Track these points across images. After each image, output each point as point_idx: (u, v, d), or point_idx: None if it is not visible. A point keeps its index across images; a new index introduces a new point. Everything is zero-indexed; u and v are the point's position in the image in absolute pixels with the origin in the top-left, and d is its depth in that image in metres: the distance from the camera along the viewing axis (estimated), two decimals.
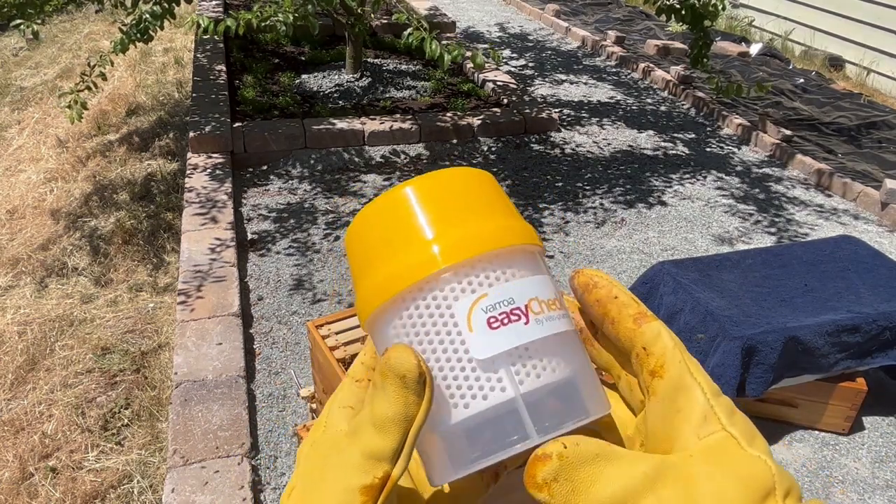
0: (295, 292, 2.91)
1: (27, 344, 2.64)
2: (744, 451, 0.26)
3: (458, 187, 0.30)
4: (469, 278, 0.28)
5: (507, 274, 0.29)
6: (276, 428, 2.25)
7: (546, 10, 7.48)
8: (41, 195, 3.79)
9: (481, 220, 0.29)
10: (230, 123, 4.00)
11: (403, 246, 0.29)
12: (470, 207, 0.30)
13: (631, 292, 0.32)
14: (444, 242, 0.28)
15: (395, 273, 0.28)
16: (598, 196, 3.87)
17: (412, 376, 0.26)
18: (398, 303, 0.29)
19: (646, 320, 0.30)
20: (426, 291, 0.28)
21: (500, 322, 0.28)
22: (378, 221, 0.30)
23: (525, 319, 0.28)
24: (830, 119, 5.01)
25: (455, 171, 0.30)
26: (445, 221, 0.29)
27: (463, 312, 0.28)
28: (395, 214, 0.29)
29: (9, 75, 5.87)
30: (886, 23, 5.83)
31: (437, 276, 0.28)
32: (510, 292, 0.28)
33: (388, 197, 0.30)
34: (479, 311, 0.28)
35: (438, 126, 4.27)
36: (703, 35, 3.90)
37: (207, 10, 6.02)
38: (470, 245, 0.28)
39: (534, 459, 0.25)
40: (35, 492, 2.07)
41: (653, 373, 0.29)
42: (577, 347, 0.30)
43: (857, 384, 2.26)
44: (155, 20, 3.28)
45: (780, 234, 3.61)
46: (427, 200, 0.29)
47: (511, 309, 0.28)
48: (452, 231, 0.29)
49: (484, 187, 0.31)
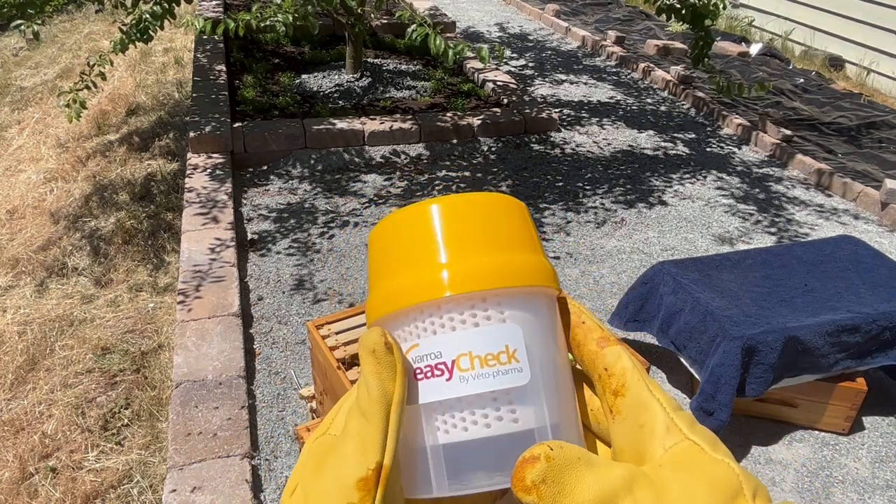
0: (295, 292, 2.91)
1: (27, 344, 2.64)
2: (709, 456, 0.27)
3: (476, 216, 0.30)
4: (416, 323, 0.28)
5: (455, 322, 0.28)
6: (276, 428, 2.25)
7: (546, 10, 7.48)
8: (41, 195, 3.79)
9: (485, 254, 0.29)
10: (230, 123, 4.00)
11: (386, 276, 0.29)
12: (479, 239, 0.29)
13: (598, 320, 0.33)
14: (411, 280, 0.28)
15: (378, 299, 0.29)
16: (599, 196, 3.87)
17: (380, 349, 0.27)
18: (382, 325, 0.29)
19: (608, 343, 0.31)
20: (391, 328, 0.29)
21: (424, 375, 0.28)
22: (382, 239, 0.30)
23: (448, 375, 0.28)
24: (830, 119, 5.01)
25: (480, 198, 0.30)
26: (453, 249, 0.29)
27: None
28: (388, 239, 0.30)
29: (9, 75, 5.87)
30: (886, 23, 5.83)
31: (395, 316, 0.29)
32: (440, 345, 0.28)
33: (396, 217, 0.30)
34: (410, 360, 0.28)
35: (438, 126, 4.27)
36: (704, 34, 3.89)
37: (207, 10, 6.02)
38: (415, 292, 0.28)
39: (522, 462, 0.25)
40: (35, 492, 2.07)
41: (615, 392, 0.30)
42: (533, 402, 0.28)
43: (857, 384, 2.26)
44: (155, 20, 3.28)
45: (780, 234, 3.61)
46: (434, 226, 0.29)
47: (436, 363, 0.28)
48: (419, 271, 0.28)
49: (500, 216, 0.30)
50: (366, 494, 0.26)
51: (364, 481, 0.26)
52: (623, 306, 2.55)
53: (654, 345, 2.61)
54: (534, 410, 0.28)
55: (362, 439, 0.27)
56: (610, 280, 3.14)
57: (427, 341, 0.28)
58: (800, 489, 2.15)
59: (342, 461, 0.27)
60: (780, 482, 2.18)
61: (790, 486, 2.16)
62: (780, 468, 2.22)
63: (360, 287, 2.97)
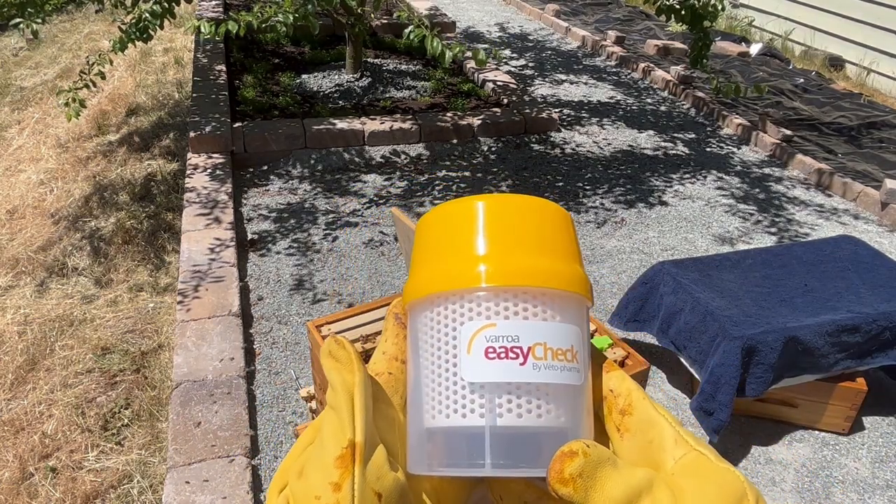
0: (295, 292, 2.91)
1: (27, 344, 2.64)
2: (716, 465, 0.29)
3: (529, 217, 0.31)
4: (489, 304, 0.29)
5: (529, 312, 0.29)
6: (276, 428, 2.25)
7: (546, 10, 7.48)
8: (41, 195, 3.79)
9: (532, 255, 0.30)
10: (230, 123, 4.00)
11: (454, 254, 0.31)
12: (530, 239, 0.31)
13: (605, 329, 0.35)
14: (486, 264, 0.30)
15: (436, 276, 0.30)
16: (599, 196, 3.87)
17: (335, 349, 0.30)
18: (429, 302, 0.31)
19: (611, 368, 0.33)
20: (450, 302, 0.30)
21: (497, 355, 0.29)
22: (445, 222, 0.32)
23: (522, 360, 0.29)
24: (830, 119, 5.01)
25: (532, 201, 0.32)
26: (500, 244, 0.30)
27: (467, 334, 0.29)
28: (459, 222, 0.31)
29: (9, 75, 5.87)
30: (886, 23, 5.83)
31: (462, 293, 0.30)
32: (519, 330, 0.29)
33: (462, 204, 0.31)
34: (481, 338, 0.29)
35: (438, 126, 4.28)
36: (703, 35, 3.90)
37: (207, 10, 6.02)
38: (509, 274, 0.29)
39: (561, 455, 0.27)
40: (35, 492, 2.07)
41: (623, 411, 0.32)
42: (574, 404, 0.30)
43: (857, 384, 2.26)
44: (155, 19, 3.27)
45: (780, 233, 3.61)
46: (493, 220, 0.31)
47: (511, 346, 0.29)
48: (500, 256, 0.30)
49: (554, 224, 0.32)
50: (344, 471, 0.27)
51: (341, 459, 0.28)
52: (623, 306, 2.55)
53: (654, 345, 2.61)
54: (573, 411, 0.30)
55: (333, 427, 0.29)
56: (610, 280, 3.14)
57: (505, 324, 0.29)
58: (800, 489, 2.15)
59: (320, 450, 0.28)
60: (780, 482, 2.18)
61: (790, 486, 2.16)
62: (780, 468, 2.22)
63: (359, 287, 2.97)
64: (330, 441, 0.28)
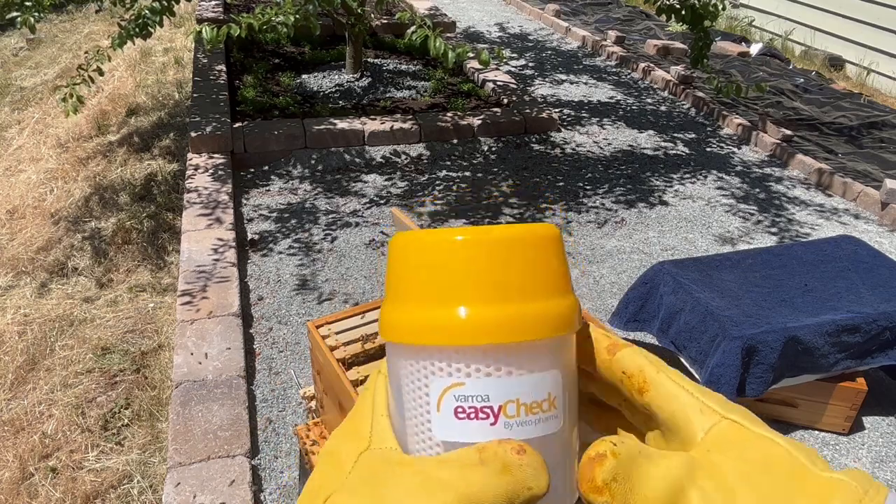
0: (295, 292, 2.91)
1: (27, 344, 2.64)
2: (752, 432, 0.27)
3: (513, 254, 0.28)
4: (458, 365, 0.28)
5: (502, 371, 0.28)
6: (276, 428, 2.25)
7: (546, 10, 7.48)
8: (41, 195, 3.79)
9: (508, 302, 0.28)
10: (230, 123, 4.00)
11: (426, 299, 0.28)
12: (507, 282, 0.28)
13: (603, 327, 0.32)
14: (454, 319, 0.27)
15: (404, 322, 0.28)
16: (599, 196, 3.87)
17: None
18: (403, 349, 0.29)
19: (618, 349, 0.31)
20: (420, 358, 0.28)
21: (468, 415, 0.28)
22: (420, 255, 0.29)
23: (493, 420, 0.28)
24: (830, 119, 5.01)
25: (511, 232, 0.29)
26: (473, 291, 0.28)
27: (436, 392, 0.28)
28: (433, 260, 0.28)
29: (9, 75, 5.87)
30: (886, 23, 5.83)
31: (431, 350, 0.28)
32: (488, 389, 0.28)
33: (440, 237, 0.29)
34: (450, 397, 0.28)
35: (439, 126, 4.27)
36: (703, 35, 3.90)
37: (207, 10, 6.02)
38: (478, 331, 0.27)
39: (588, 461, 0.25)
40: (35, 492, 2.07)
41: (640, 391, 0.29)
42: (553, 450, 0.28)
43: (857, 384, 2.26)
44: (154, 16, 3.27)
45: (780, 233, 3.61)
46: (468, 261, 0.28)
47: (482, 406, 0.28)
48: (474, 306, 0.27)
49: (538, 253, 0.29)
50: None
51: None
52: (623, 306, 2.55)
53: (655, 345, 2.61)
54: (551, 457, 0.28)
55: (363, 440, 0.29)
56: (610, 280, 3.14)
57: (474, 384, 0.28)
58: None
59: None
60: None
61: None
62: None
63: (360, 287, 2.97)
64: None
